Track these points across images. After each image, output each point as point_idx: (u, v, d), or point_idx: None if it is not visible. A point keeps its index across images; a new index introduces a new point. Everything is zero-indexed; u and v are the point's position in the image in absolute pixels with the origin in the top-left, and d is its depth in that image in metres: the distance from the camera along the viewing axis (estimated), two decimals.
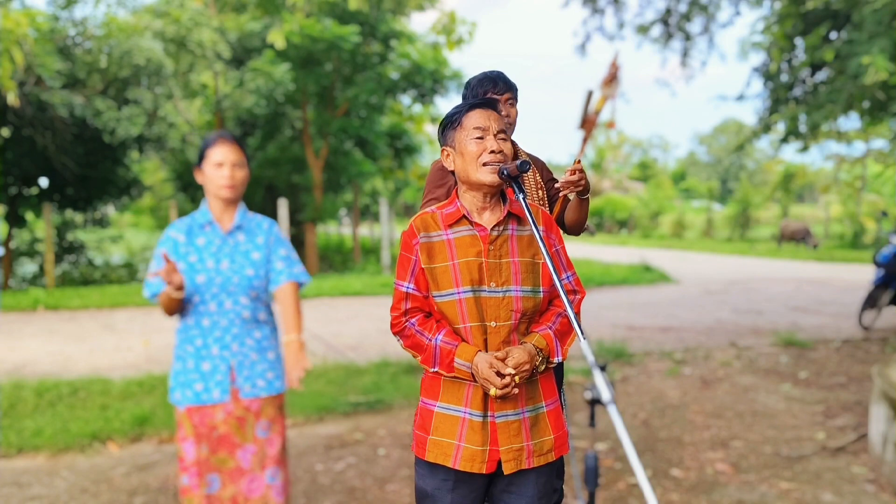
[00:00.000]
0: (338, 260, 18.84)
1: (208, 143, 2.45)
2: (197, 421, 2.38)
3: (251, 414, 2.44)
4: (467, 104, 1.87)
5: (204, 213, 2.48)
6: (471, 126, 1.84)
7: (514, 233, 1.88)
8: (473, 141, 1.83)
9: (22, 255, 14.69)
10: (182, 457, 2.43)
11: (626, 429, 1.40)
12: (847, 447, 4.27)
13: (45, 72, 10.44)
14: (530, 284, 1.85)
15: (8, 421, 4.75)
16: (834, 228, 25.73)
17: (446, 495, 1.85)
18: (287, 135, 17.13)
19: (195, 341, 2.41)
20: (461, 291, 1.80)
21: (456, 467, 1.82)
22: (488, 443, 1.81)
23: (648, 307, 10.24)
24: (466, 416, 1.83)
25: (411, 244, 1.86)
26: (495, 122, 1.85)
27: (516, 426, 1.83)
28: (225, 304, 2.42)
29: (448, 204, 1.91)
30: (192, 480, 2.41)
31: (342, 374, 5.96)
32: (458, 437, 1.83)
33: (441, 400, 1.86)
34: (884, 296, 7.98)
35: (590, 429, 1.46)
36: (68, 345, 7.44)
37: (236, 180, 2.44)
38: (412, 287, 1.85)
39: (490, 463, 1.81)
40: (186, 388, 2.39)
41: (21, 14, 9.63)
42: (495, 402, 1.80)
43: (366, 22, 15.01)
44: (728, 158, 56.05)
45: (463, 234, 1.85)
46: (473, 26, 15.28)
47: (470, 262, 1.82)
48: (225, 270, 2.42)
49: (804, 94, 8.26)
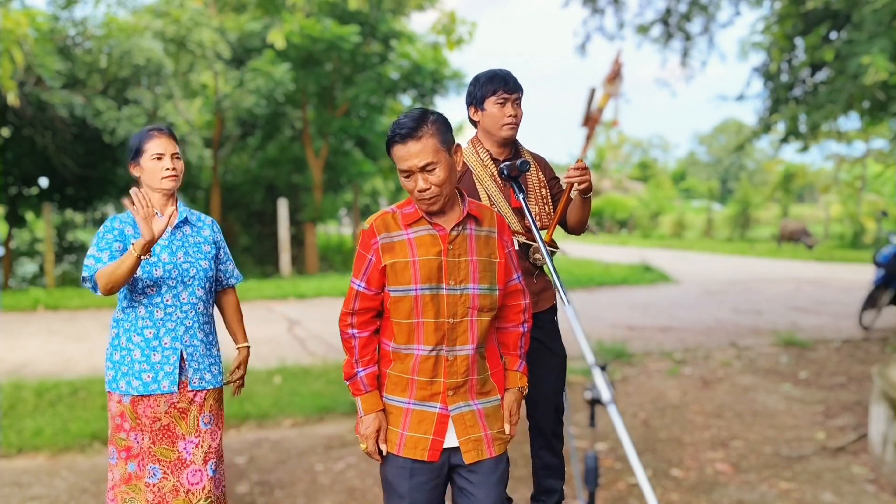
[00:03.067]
0: (338, 260, 18.84)
1: (144, 137, 2.45)
2: (140, 411, 2.38)
3: (195, 405, 2.45)
4: (388, 137, 1.87)
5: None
6: (399, 164, 1.85)
7: (472, 232, 1.93)
8: (404, 179, 1.89)
9: (22, 255, 14.70)
10: (129, 446, 2.41)
11: (626, 429, 1.40)
12: (847, 447, 4.27)
13: (45, 72, 10.43)
14: (487, 282, 1.93)
15: (8, 421, 4.75)
16: (834, 228, 25.72)
17: (404, 482, 1.92)
18: (287, 135, 17.13)
19: (145, 332, 2.40)
20: (419, 288, 1.87)
21: (400, 454, 1.91)
22: (432, 432, 1.90)
23: (648, 307, 10.24)
24: (409, 406, 1.92)
25: (369, 243, 1.92)
26: (414, 161, 1.83)
27: (471, 417, 1.93)
28: (181, 296, 2.43)
29: (407, 203, 1.95)
30: (138, 467, 2.41)
31: (342, 374, 5.95)
32: (402, 426, 1.92)
33: (387, 391, 1.97)
34: (884, 296, 7.98)
35: (590, 429, 1.46)
36: (68, 345, 7.44)
37: (178, 171, 2.45)
38: (363, 286, 1.93)
39: (433, 451, 1.90)
40: (132, 377, 2.37)
41: (21, 14, 9.62)
42: (448, 396, 1.90)
43: (366, 22, 15.01)
44: (728, 158, 56.00)
45: (422, 233, 1.90)
46: (473, 26, 15.23)
47: (430, 260, 1.87)
48: (181, 262, 2.43)
49: (804, 94, 8.25)
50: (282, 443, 4.53)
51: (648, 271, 14.49)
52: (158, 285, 2.40)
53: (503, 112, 2.34)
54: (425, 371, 1.90)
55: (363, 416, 1.95)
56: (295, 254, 16.56)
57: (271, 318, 9.17)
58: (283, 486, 3.82)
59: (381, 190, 22.92)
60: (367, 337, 1.96)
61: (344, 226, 29.94)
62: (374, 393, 1.95)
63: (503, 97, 2.34)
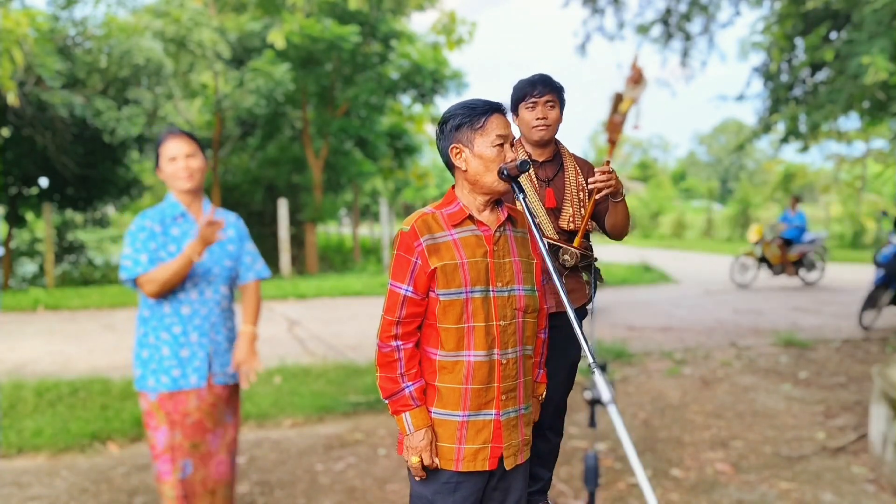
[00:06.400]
0: (338, 260, 18.84)
1: (160, 142, 2.51)
2: (170, 408, 2.42)
3: (221, 400, 2.52)
4: (490, 107, 1.86)
5: (174, 206, 2.52)
6: (494, 132, 1.83)
7: (511, 234, 1.92)
8: (494, 148, 1.83)
9: (22, 255, 14.70)
10: (154, 444, 2.46)
11: (626, 429, 1.40)
12: (847, 447, 4.27)
13: (45, 72, 10.43)
14: (529, 283, 1.91)
15: (8, 421, 4.74)
16: (834, 228, 25.72)
17: (448, 498, 1.86)
18: (287, 135, 17.13)
19: (172, 329, 2.44)
20: (470, 291, 1.81)
21: (459, 470, 1.84)
22: (490, 440, 1.85)
23: (648, 307, 10.24)
24: (465, 419, 1.85)
25: (412, 246, 1.82)
26: (510, 131, 1.88)
27: (515, 422, 1.89)
28: (206, 293, 2.48)
29: (447, 203, 1.90)
30: (164, 466, 2.45)
31: (342, 374, 5.96)
32: (458, 440, 1.84)
33: (436, 406, 1.86)
34: (884, 296, 7.98)
35: (590, 429, 1.46)
36: (68, 345, 7.44)
37: (193, 170, 2.49)
38: (410, 290, 1.82)
39: (493, 459, 1.86)
40: (161, 374, 2.41)
41: (21, 14, 9.62)
42: (501, 401, 1.85)
43: (366, 22, 15.01)
44: (728, 158, 55.99)
45: (467, 234, 1.86)
46: (473, 26, 15.27)
47: (478, 262, 1.83)
48: (206, 261, 2.47)
49: (804, 94, 8.26)
50: (282, 443, 4.53)
51: (648, 271, 14.49)
52: (185, 283, 2.44)
53: (532, 115, 2.39)
54: (480, 378, 1.82)
55: (413, 431, 1.83)
56: (295, 254, 16.56)
57: (271, 318, 9.17)
58: (283, 486, 3.82)
59: (381, 190, 22.92)
60: (412, 348, 1.85)
61: (344, 226, 29.94)
62: (423, 408, 1.84)
63: (532, 101, 2.39)
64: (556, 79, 2.41)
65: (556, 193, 2.43)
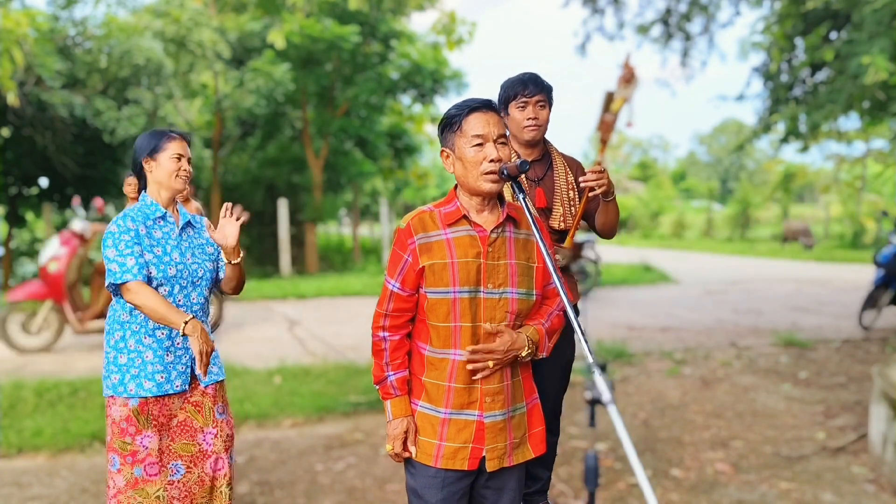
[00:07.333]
0: (338, 260, 18.83)
1: (165, 136, 2.50)
2: (156, 412, 2.40)
3: (208, 397, 2.50)
4: (466, 106, 1.85)
5: (155, 207, 2.48)
6: (470, 133, 1.82)
7: (511, 235, 1.89)
8: (473, 149, 1.82)
9: (22, 255, 14.68)
10: (135, 451, 2.40)
11: (626, 429, 1.40)
12: (847, 447, 4.27)
13: (45, 72, 10.43)
14: (525, 287, 1.88)
15: (8, 421, 4.74)
16: (834, 228, 25.72)
17: (436, 493, 1.89)
18: (287, 135, 17.13)
19: (157, 333, 2.41)
20: (457, 291, 1.82)
21: (437, 466, 1.87)
22: (472, 440, 1.86)
23: (648, 307, 10.24)
24: (446, 416, 1.87)
25: (406, 243, 1.86)
26: (495, 127, 1.83)
27: (501, 425, 1.88)
28: (191, 297, 2.47)
29: (446, 202, 1.91)
30: (150, 470, 2.41)
31: (342, 374, 5.96)
32: (439, 436, 1.87)
33: (422, 400, 1.91)
34: (884, 296, 7.98)
35: (590, 429, 1.46)
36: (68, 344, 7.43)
37: (189, 173, 2.52)
38: (398, 286, 1.87)
39: (472, 460, 1.86)
40: (144, 379, 2.38)
41: (21, 14, 9.62)
42: (485, 402, 1.85)
43: (366, 22, 15.01)
44: (728, 158, 56.00)
45: (462, 234, 1.85)
46: (473, 26, 15.27)
47: (469, 262, 1.83)
48: (190, 264, 2.47)
49: (804, 94, 8.26)
50: (282, 443, 4.53)
51: (648, 271, 14.50)
52: (171, 286, 2.42)
53: (523, 115, 2.38)
54: (464, 377, 1.84)
55: (391, 419, 1.91)
56: (295, 254, 16.56)
57: (271, 318, 9.17)
58: (283, 486, 3.82)
59: (381, 190, 22.91)
60: (398, 340, 1.91)
61: (344, 226, 29.94)
62: (404, 398, 1.91)
63: (523, 101, 2.37)
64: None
65: (546, 193, 2.42)
